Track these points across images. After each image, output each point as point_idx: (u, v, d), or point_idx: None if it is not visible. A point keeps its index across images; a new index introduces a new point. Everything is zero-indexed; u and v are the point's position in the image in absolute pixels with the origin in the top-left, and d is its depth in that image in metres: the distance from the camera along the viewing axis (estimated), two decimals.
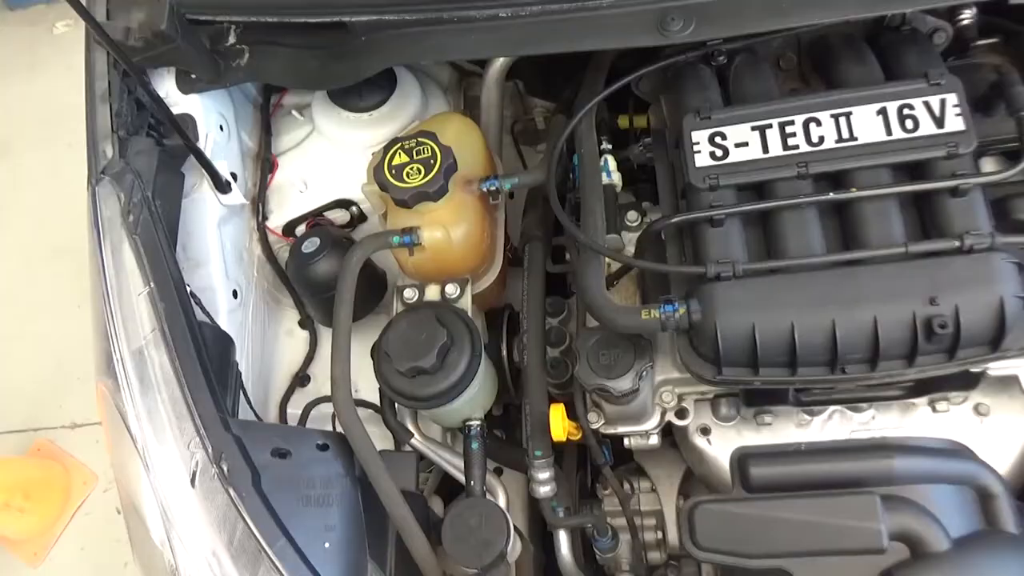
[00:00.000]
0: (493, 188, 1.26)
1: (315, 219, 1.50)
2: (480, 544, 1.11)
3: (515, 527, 1.36)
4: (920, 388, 1.17)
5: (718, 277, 1.00)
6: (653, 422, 1.26)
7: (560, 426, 1.14)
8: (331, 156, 1.52)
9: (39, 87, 3.57)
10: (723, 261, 1.00)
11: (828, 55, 1.13)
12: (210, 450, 1.04)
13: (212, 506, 1.04)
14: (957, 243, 0.94)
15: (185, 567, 1.05)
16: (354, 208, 1.50)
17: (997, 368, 1.19)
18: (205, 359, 1.09)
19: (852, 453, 0.97)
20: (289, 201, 1.53)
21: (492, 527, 1.12)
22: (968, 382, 1.14)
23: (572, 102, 1.32)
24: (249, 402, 1.33)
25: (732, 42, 1.16)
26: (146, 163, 1.20)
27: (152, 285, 1.10)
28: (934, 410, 1.23)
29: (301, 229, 1.51)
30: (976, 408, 1.26)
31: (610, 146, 1.29)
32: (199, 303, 1.27)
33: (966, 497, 0.96)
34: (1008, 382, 1.19)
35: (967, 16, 1.18)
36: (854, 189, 0.99)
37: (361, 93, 1.46)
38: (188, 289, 1.25)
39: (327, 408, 1.36)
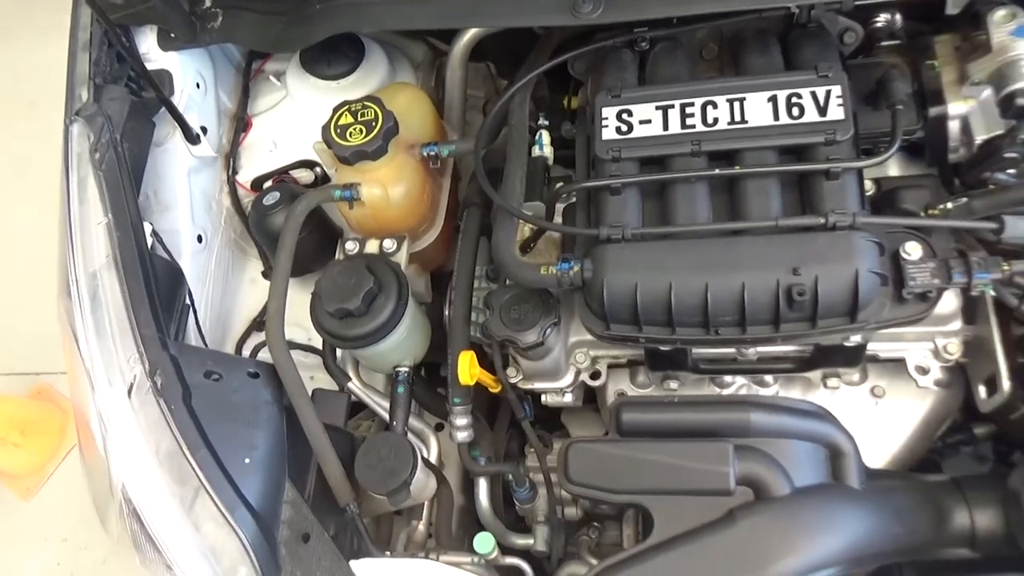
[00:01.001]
0: (432, 153, 1.37)
1: (281, 176, 1.62)
2: (387, 472, 1.22)
3: (437, 471, 1.47)
4: (811, 363, 1.25)
5: (608, 239, 1.09)
6: (567, 380, 1.36)
7: (467, 371, 1.24)
8: (301, 120, 1.63)
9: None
10: (614, 225, 1.09)
11: (740, 46, 1.22)
12: (147, 365, 1.15)
13: (144, 416, 1.15)
14: (822, 220, 1.02)
15: (118, 472, 1.17)
16: (318, 169, 1.61)
17: (887, 351, 1.28)
18: (152, 285, 1.21)
19: (715, 406, 1.06)
20: (259, 158, 1.65)
21: (400, 458, 1.23)
22: (851, 359, 1.22)
23: None
24: (201, 334, 1.45)
25: (656, 30, 1.26)
26: (118, 109, 1.32)
27: (110, 216, 1.22)
28: (825, 386, 1.32)
29: (268, 185, 1.63)
30: (872, 390, 1.35)
31: (547, 123, 1.38)
32: (160, 240, 1.39)
33: (818, 454, 1.04)
34: (901, 366, 1.28)
35: (880, 20, 1.26)
36: (738, 167, 1.08)
37: (329, 62, 1.58)
38: (151, 228, 1.37)
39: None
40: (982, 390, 1.24)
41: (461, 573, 1.16)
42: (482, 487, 1.48)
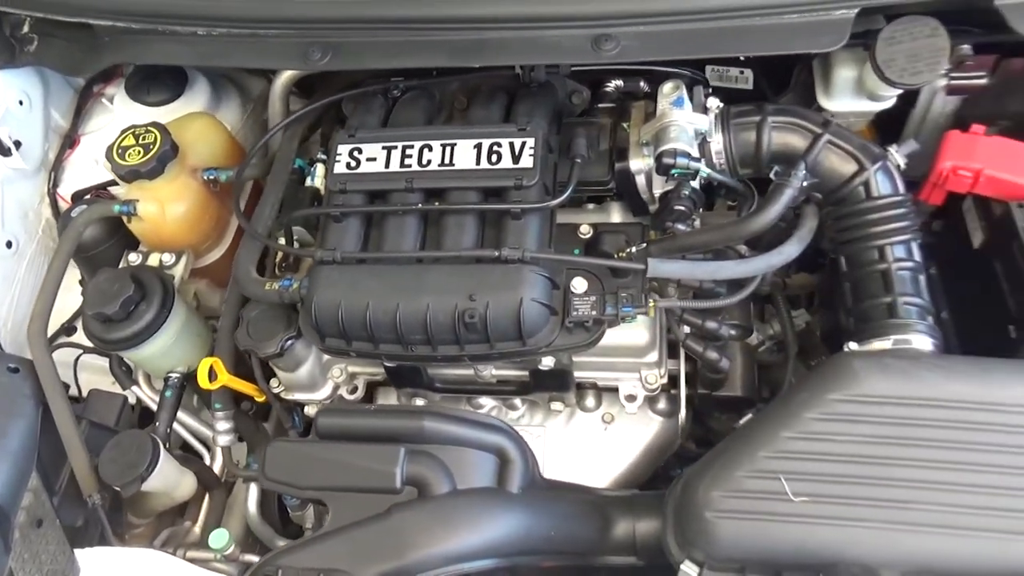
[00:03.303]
0: (212, 177, 1.50)
1: (99, 192, 1.73)
2: (126, 465, 1.31)
3: (212, 475, 1.56)
4: (529, 386, 1.38)
5: (322, 261, 1.22)
6: (325, 393, 1.47)
7: (206, 376, 1.34)
8: None
9: None
10: (328, 249, 1.22)
11: (474, 99, 1.37)
12: None
13: None
14: (496, 253, 1.16)
15: None
16: None
17: (604, 379, 1.41)
18: None
19: (397, 415, 1.18)
20: (83, 174, 1.76)
21: (141, 455, 1.32)
22: (561, 384, 1.35)
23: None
24: None
25: (410, 80, 1.42)
26: None
27: None
28: (551, 409, 1.45)
29: (87, 198, 1.74)
30: (603, 417, 1.48)
31: (324, 157, 1.52)
32: None
33: (486, 461, 1.16)
34: (630, 397, 1.41)
35: (610, 85, 1.43)
36: (436, 203, 1.23)
37: (149, 90, 1.71)
38: None
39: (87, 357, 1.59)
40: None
41: (178, 562, 1.25)
42: (252, 493, 1.56)
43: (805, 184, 1.18)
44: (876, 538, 0.99)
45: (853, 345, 1.13)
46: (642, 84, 1.44)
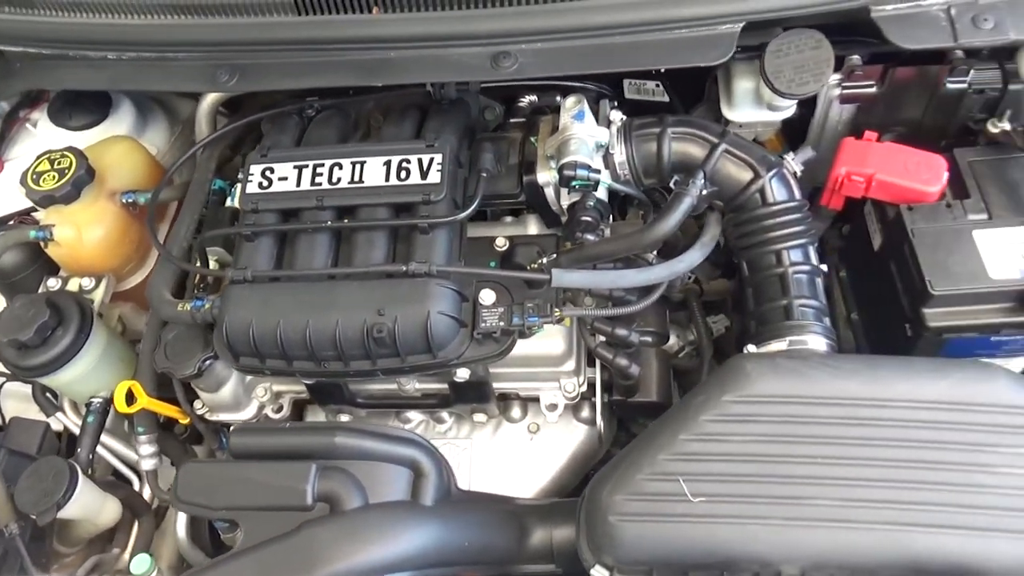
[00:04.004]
0: (131, 200, 1.50)
1: (22, 217, 1.72)
2: (42, 493, 1.30)
3: (142, 502, 1.55)
4: (450, 399, 1.40)
5: (234, 281, 1.23)
6: (250, 412, 1.47)
7: (122, 399, 1.34)
8: None
9: None
10: (240, 268, 1.23)
11: (387, 117, 1.40)
12: None
13: None
14: (403, 268, 1.18)
15: None
16: None
17: (526, 389, 1.43)
18: None
19: (309, 431, 1.19)
20: (6, 200, 1.74)
21: (58, 482, 1.31)
22: (480, 395, 1.37)
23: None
24: None
25: (324, 100, 1.43)
26: None
27: None
28: (473, 422, 1.47)
29: (11, 224, 1.73)
30: (528, 427, 1.49)
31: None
32: None
33: (400, 475, 1.17)
34: (551, 406, 1.43)
35: (524, 101, 1.46)
36: (347, 220, 1.24)
37: (71, 115, 1.71)
38: None
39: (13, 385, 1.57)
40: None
41: None
42: (181, 517, 1.55)
43: (704, 192, 1.22)
44: (774, 535, 1.01)
45: (751, 347, 1.16)
46: (558, 99, 1.47)
